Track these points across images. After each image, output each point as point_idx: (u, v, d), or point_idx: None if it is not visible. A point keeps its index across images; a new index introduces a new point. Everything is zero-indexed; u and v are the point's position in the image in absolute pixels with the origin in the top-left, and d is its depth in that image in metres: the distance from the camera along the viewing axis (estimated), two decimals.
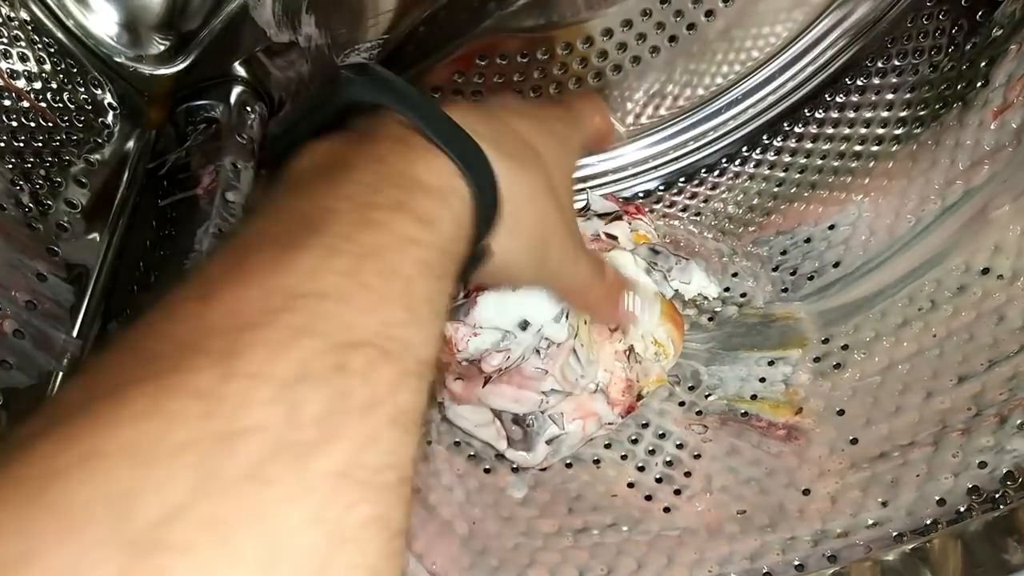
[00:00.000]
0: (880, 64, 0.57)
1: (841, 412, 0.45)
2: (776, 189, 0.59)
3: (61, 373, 0.39)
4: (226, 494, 0.17)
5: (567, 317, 0.43)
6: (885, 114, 0.56)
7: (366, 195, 0.25)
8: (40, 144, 0.45)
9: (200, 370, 0.18)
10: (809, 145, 0.59)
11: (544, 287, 0.41)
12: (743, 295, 0.54)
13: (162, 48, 0.51)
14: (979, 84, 0.49)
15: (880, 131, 0.55)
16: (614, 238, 0.49)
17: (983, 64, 0.49)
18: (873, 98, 0.57)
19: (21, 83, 0.46)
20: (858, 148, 0.56)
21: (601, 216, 0.51)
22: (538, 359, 0.43)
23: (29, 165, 0.44)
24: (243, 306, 0.20)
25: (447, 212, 0.27)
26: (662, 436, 0.48)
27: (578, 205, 0.53)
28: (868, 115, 0.57)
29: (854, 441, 0.43)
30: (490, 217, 0.30)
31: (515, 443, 0.44)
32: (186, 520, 0.17)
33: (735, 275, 0.55)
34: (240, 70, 0.54)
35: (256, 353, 0.19)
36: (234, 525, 0.17)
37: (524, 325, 0.43)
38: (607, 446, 0.48)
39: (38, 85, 0.47)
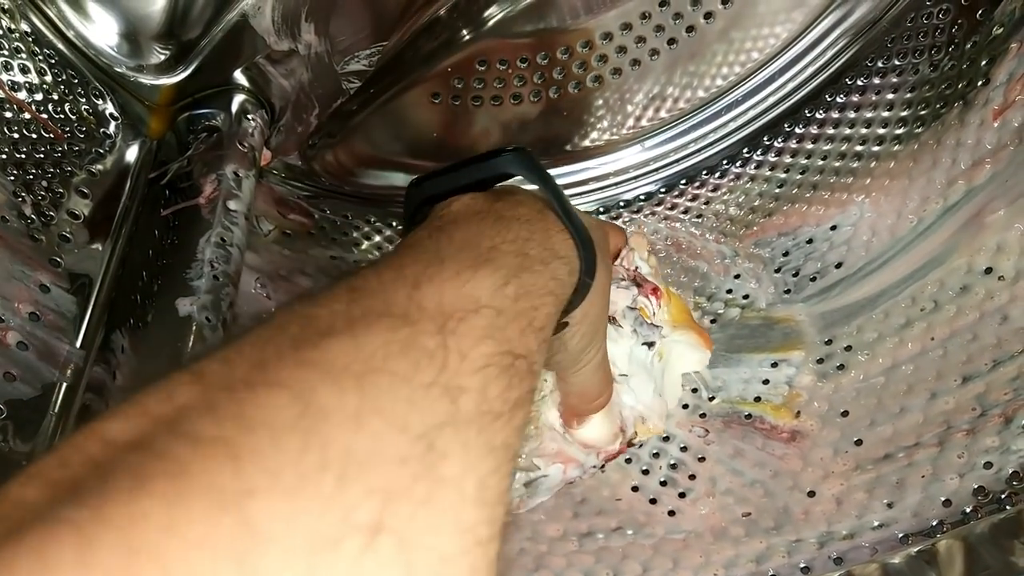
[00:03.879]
0: (880, 64, 0.57)
1: (845, 413, 0.45)
2: (777, 190, 0.59)
3: (64, 384, 0.39)
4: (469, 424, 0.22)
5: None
6: (886, 114, 0.56)
7: (522, 245, 0.30)
8: (42, 155, 0.45)
9: (431, 334, 0.23)
10: (810, 146, 0.59)
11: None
12: (745, 297, 0.54)
13: (163, 57, 0.51)
14: (980, 83, 0.49)
15: (881, 131, 0.55)
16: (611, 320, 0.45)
17: (984, 63, 0.49)
18: (874, 98, 0.57)
19: (23, 95, 0.46)
20: (859, 148, 0.56)
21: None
22: None
23: (31, 176, 0.44)
24: (446, 299, 0.25)
25: (567, 279, 0.33)
26: (666, 439, 0.48)
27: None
28: (869, 115, 0.57)
29: (858, 443, 0.43)
30: (583, 291, 0.35)
31: None
32: None
33: (737, 277, 0.55)
34: (241, 78, 0.54)
35: (465, 333, 0.24)
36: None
37: None
38: None
39: (39, 96, 0.47)
